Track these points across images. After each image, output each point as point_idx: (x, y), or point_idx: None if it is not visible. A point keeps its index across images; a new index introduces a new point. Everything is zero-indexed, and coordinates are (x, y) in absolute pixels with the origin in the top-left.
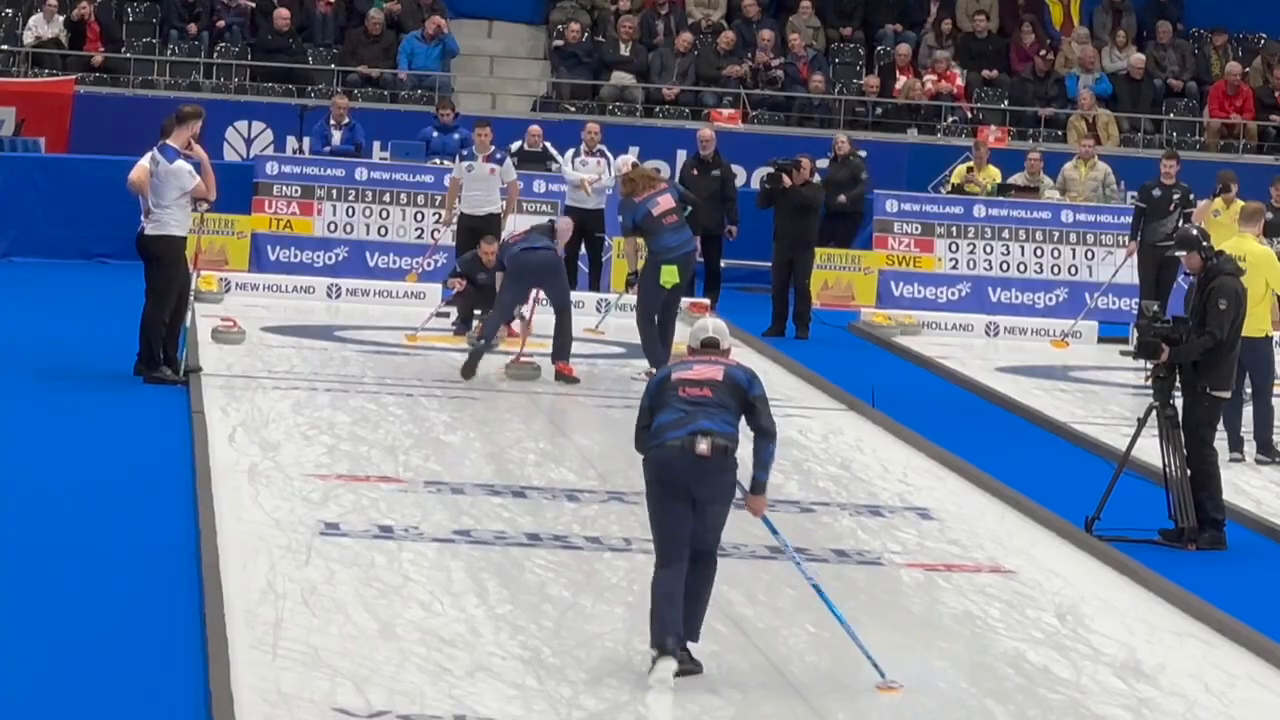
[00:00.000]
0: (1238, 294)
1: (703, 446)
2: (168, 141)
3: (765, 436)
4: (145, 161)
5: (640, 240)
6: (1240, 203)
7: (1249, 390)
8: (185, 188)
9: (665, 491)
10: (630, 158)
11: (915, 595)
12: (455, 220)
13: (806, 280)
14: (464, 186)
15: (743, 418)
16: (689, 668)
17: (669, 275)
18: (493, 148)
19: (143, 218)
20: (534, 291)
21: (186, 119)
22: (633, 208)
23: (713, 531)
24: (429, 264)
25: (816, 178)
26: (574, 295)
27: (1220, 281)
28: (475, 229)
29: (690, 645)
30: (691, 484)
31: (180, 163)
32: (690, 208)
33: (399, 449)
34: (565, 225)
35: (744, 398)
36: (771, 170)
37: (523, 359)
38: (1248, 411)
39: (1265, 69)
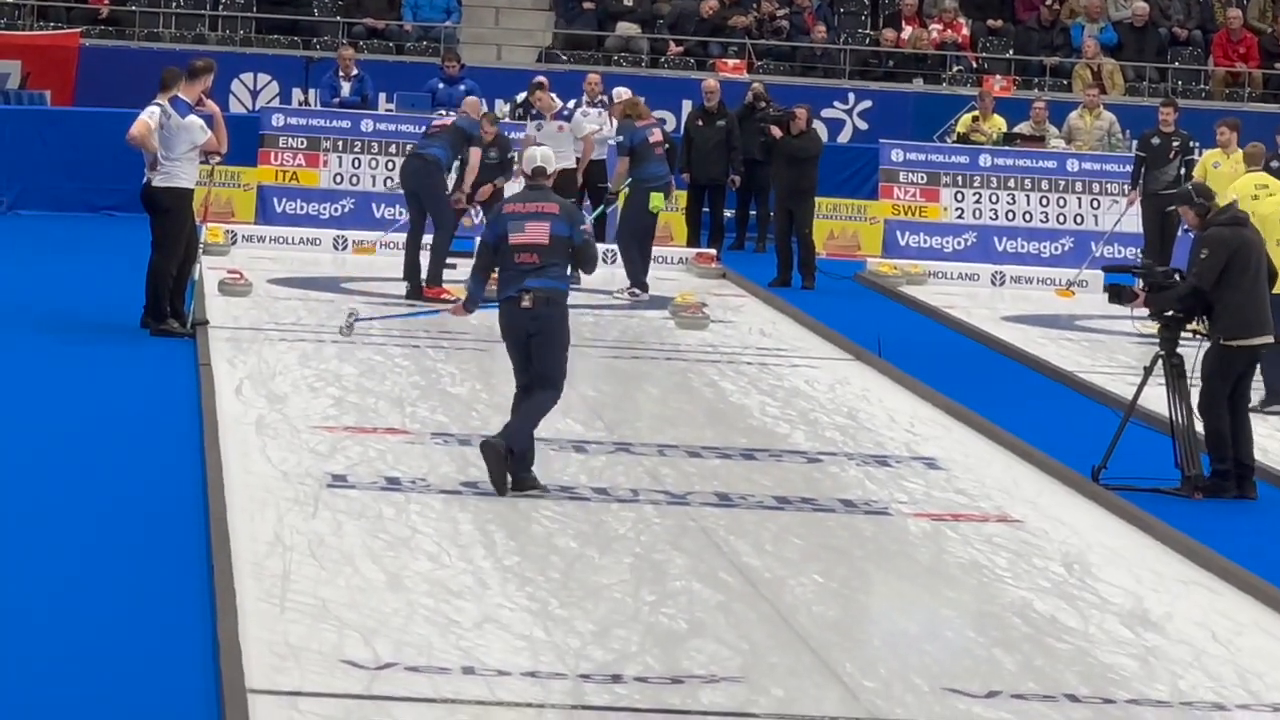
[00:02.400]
0: (1225, 242)
1: (526, 302)
2: (179, 95)
3: (587, 269)
4: (146, 116)
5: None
6: (1240, 151)
7: None
8: (197, 142)
9: (507, 336)
10: (625, 91)
11: (923, 545)
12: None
13: (808, 230)
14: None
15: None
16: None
17: (657, 201)
18: (558, 104)
19: (148, 170)
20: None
21: (199, 73)
22: (632, 130)
23: (544, 363)
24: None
25: (819, 127)
26: None
27: (1210, 232)
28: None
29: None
30: (524, 330)
31: (193, 117)
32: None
33: (406, 400)
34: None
35: (569, 247)
36: (764, 125)
37: None
38: None
39: (1271, 16)
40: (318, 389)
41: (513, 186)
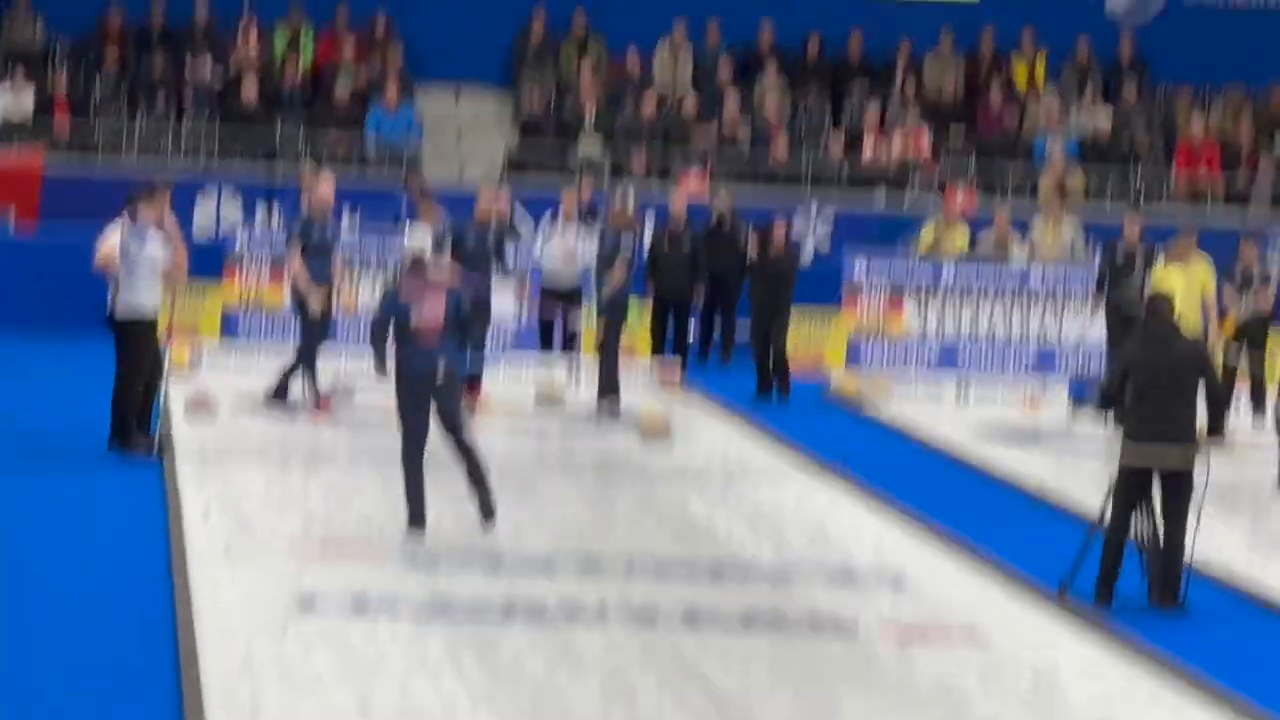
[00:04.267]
0: (1127, 358)
1: (439, 379)
2: (138, 216)
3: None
4: (111, 238)
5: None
6: (1200, 261)
7: None
8: (157, 263)
9: (409, 398)
10: (630, 195)
11: (891, 664)
12: None
13: (782, 342)
14: None
15: None
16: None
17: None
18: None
19: (110, 292)
20: None
21: (156, 193)
22: (622, 240)
23: (454, 417)
24: None
25: (808, 248)
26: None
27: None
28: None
29: None
30: (436, 398)
31: (152, 238)
32: None
33: (374, 521)
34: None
35: (459, 321)
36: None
37: None
38: None
39: (1230, 120)
40: (285, 511)
41: None
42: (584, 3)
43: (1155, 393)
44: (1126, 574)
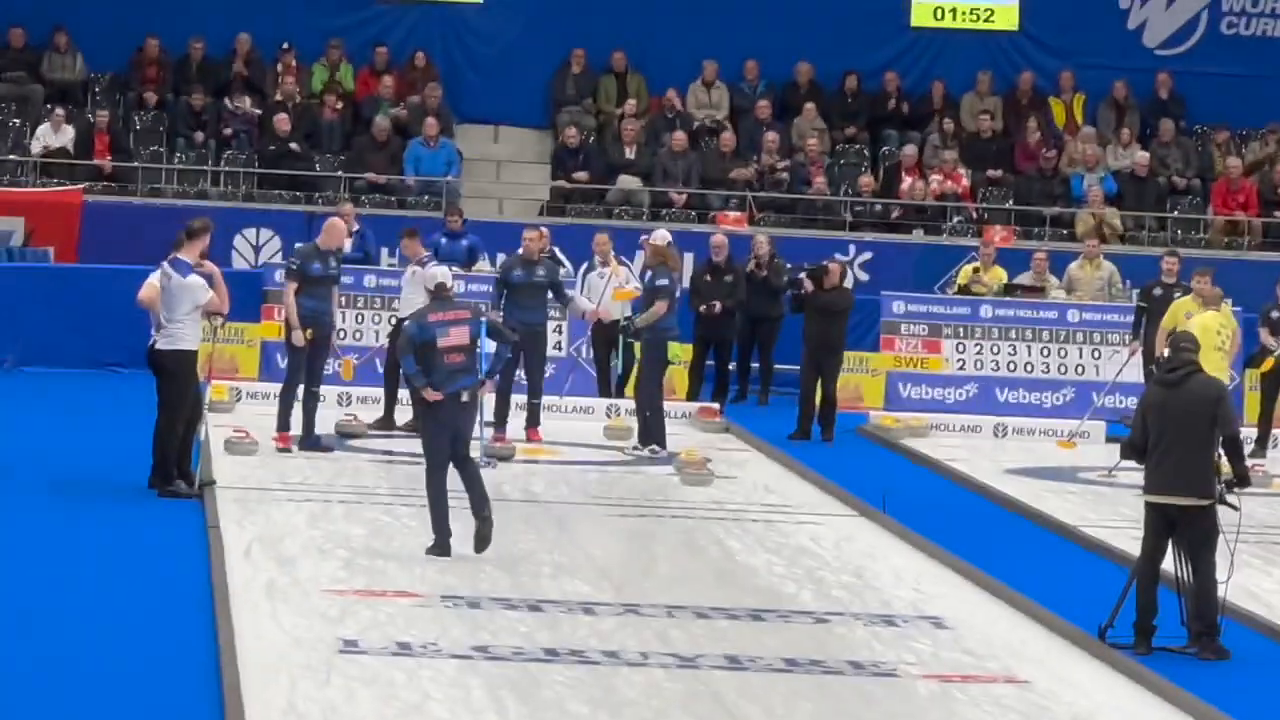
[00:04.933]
0: (1144, 399)
1: (464, 397)
2: (179, 255)
3: (504, 347)
4: (154, 279)
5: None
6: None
7: None
8: (199, 302)
9: (440, 428)
10: (665, 234)
11: (932, 707)
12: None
13: (833, 384)
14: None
15: None
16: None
17: (676, 351)
18: (424, 253)
19: (153, 331)
20: None
21: (197, 233)
22: (672, 279)
23: (466, 444)
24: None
25: (851, 282)
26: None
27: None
28: None
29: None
30: (458, 422)
31: (194, 277)
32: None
33: (415, 562)
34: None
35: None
36: (799, 276)
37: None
38: None
39: (1268, 164)
40: (327, 551)
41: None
42: (623, 42)
43: (1169, 432)
44: (1171, 619)
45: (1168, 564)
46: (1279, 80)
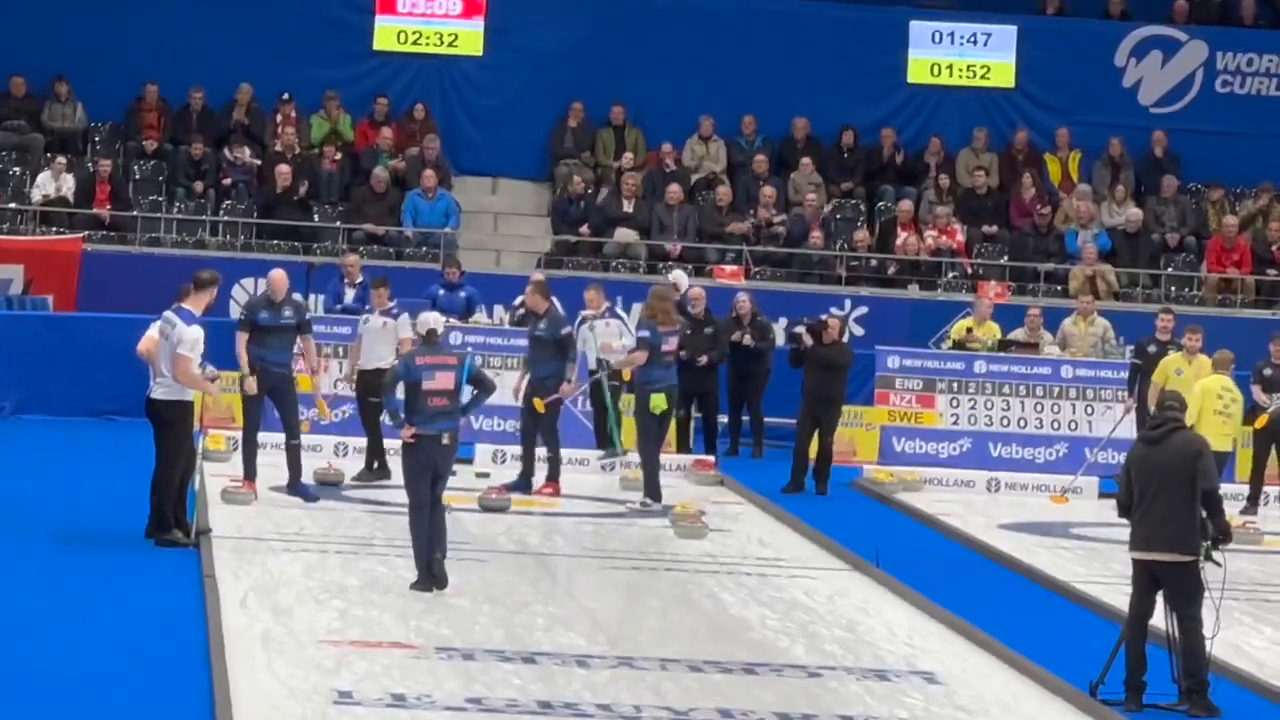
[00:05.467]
0: (1129, 458)
1: (445, 439)
2: (184, 305)
3: (484, 392)
4: (153, 331)
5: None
6: (1204, 358)
7: None
8: (186, 352)
9: (420, 467)
10: (682, 278)
11: None
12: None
13: (830, 438)
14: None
15: None
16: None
17: (658, 401)
18: (390, 303)
19: (152, 381)
20: None
21: (204, 285)
22: (654, 330)
23: (444, 484)
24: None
25: (847, 337)
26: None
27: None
28: (369, 386)
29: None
30: (437, 462)
31: (195, 327)
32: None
33: (410, 613)
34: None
35: (462, 386)
36: (798, 330)
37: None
38: None
39: (1260, 220)
40: (322, 601)
41: None
42: (622, 96)
43: (1151, 489)
44: (1162, 676)
45: (1158, 620)
46: (1273, 139)
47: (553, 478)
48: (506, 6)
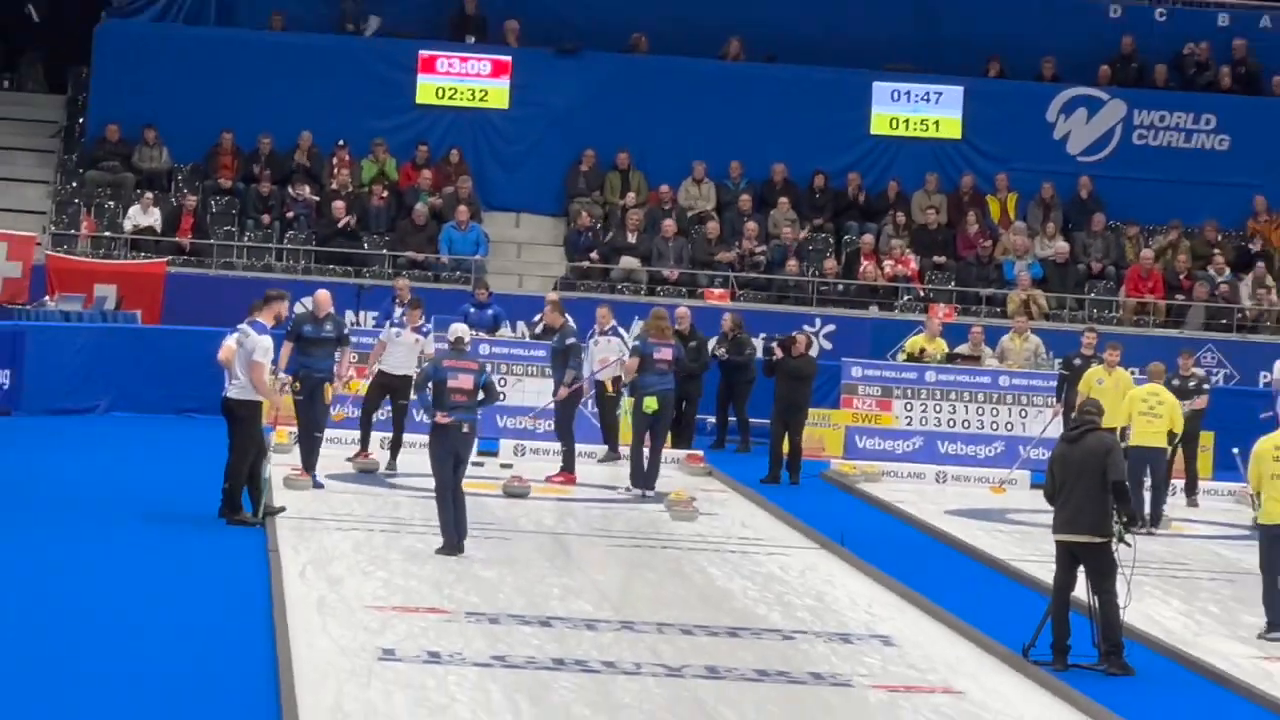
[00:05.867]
0: (1052, 455)
1: (465, 429)
2: (257, 318)
3: (491, 398)
4: (230, 340)
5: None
6: (1121, 370)
7: None
8: (260, 359)
9: (444, 451)
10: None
11: (880, 714)
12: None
13: (799, 437)
14: (386, 348)
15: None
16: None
17: (650, 404)
18: (420, 321)
19: (227, 382)
20: None
21: (272, 300)
22: (646, 342)
23: (464, 468)
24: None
25: (814, 350)
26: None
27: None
28: (386, 385)
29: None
30: (458, 448)
31: (266, 336)
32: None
33: (444, 583)
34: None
35: (479, 388)
36: (771, 344)
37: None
38: None
39: (1170, 252)
40: (369, 573)
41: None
42: (627, 144)
43: (1070, 480)
44: (1083, 640)
45: (1080, 592)
46: (1181, 184)
47: (567, 468)
48: (528, 68)
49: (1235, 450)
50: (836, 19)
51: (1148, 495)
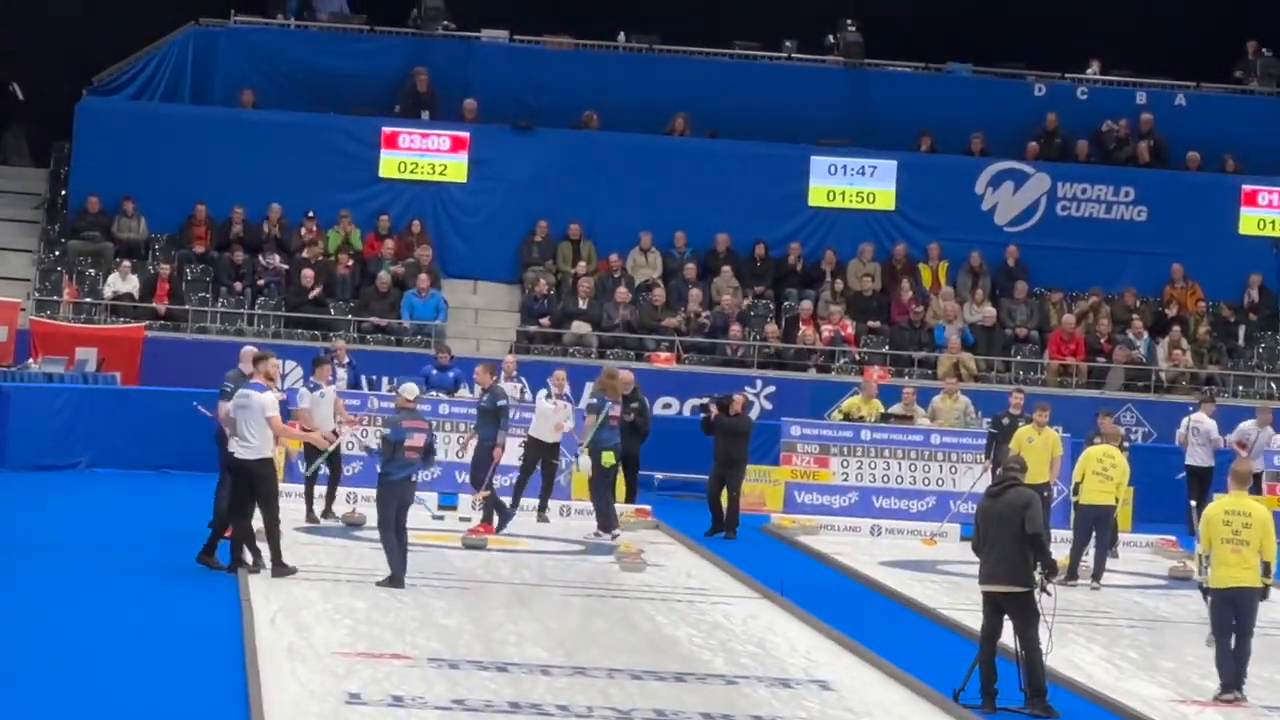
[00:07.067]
0: (978, 509)
1: (414, 479)
2: (254, 379)
3: (430, 456)
4: (226, 404)
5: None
6: (1050, 430)
7: None
8: (270, 414)
9: (395, 502)
10: (627, 375)
11: None
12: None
13: (737, 492)
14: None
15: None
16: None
17: (607, 458)
18: (341, 376)
19: (234, 442)
20: None
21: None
22: (602, 401)
23: (406, 511)
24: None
25: (756, 410)
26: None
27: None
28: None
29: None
30: (406, 496)
31: (270, 393)
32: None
33: (406, 631)
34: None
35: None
36: (705, 402)
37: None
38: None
39: (1093, 319)
40: (336, 621)
41: None
42: (578, 215)
43: (992, 533)
44: (1010, 684)
45: (1008, 639)
46: (1102, 252)
47: (487, 520)
48: (486, 143)
49: (1192, 503)
50: (776, 97)
51: (1092, 551)
